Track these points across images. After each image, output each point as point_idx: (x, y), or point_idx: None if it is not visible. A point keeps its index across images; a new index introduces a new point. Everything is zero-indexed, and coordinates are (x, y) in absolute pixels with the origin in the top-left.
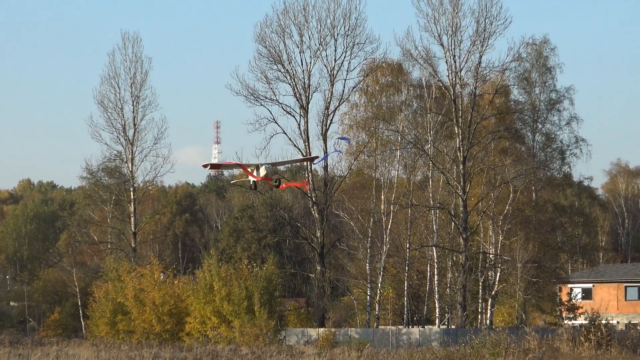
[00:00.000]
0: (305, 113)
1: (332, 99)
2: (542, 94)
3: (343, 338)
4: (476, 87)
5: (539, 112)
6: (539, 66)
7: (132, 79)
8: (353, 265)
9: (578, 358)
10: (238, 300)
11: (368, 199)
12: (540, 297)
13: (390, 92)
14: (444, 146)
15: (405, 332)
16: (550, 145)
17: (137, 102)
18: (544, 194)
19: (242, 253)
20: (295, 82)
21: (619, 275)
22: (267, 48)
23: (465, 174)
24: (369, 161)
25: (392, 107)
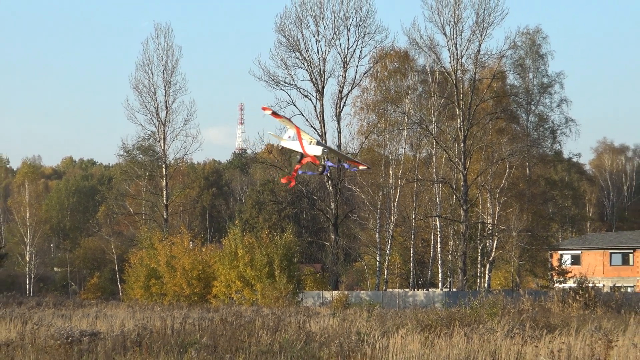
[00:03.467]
0: (320, 96)
1: (345, 84)
2: (535, 78)
3: (355, 300)
4: (476, 73)
5: (533, 95)
6: (532, 53)
7: (164, 65)
8: (364, 234)
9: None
10: (260, 266)
11: (377, 174)
12: (533, 263)
13: (397, 77)
14: (446, 126)
15: (411, 295)
16: (542, 125)
17: (168, 86)
18: (537, 170)
19: (263, 223)
20: (312, 69)
21: (604, 243)
22: (286, 37)
23: (465, 152)
24: (378, 140)
25: (399, 91)
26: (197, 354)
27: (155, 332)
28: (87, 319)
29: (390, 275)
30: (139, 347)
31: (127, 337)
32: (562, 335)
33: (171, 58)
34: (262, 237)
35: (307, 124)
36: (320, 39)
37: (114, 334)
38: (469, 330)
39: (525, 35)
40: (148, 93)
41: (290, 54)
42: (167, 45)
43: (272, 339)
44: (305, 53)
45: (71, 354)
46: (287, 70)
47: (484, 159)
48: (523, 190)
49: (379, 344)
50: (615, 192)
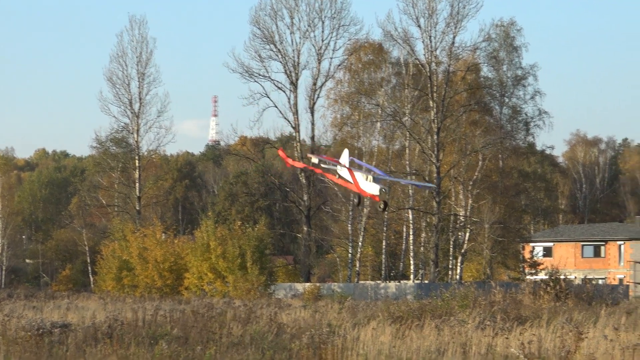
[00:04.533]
0: (294, 88)
1: (319, 76)
2: (509, 70)
3: (327, 292)
4: (450, 65)
5: (506, 88)
6: (506, 46)
7: (138, 57)
8: (336, 226)
9: (538, 309)
10: (232, 258)
11: None
12: (505, 255)
13: (371, 69)
14: (419, 118)
15: (383, 287)
16: (516, 117)
17: (142, 78)
18: (510, 162)
19: (236, 215)
20: (286, 61)
21: (576, 235)
22: (261, 29)
23: (439, 144)
24: (352, 132)
25: (373, 83)
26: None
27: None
28: (58, 311)
29: (362, 267)
30: (110, 338)
31: (98, 329)
32: (533, 327)
33: (145, 50)
34: (235, 229)
35: (281, 116)
36: (294, 31)
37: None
38: (440, 322)
39: (500, 27)
40: (122, 85)
41: (264, 46)
42: (142, 37)
43: (244, 331)
44: (279, 45)
45: (42, 346)
46: (261, 62)
47: (457, 151)
48: (496, 183)
49: (350, 336)
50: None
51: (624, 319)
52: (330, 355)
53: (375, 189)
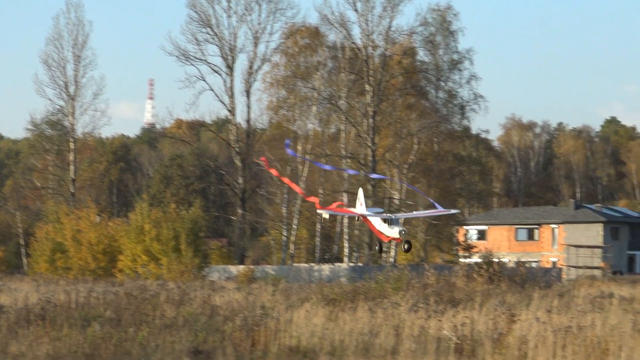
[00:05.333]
0: (231, 72)
1: (255, 59)
2: (445, 55)
3: (260, 274)
4: (386, 49)
5: (442, 72)
6: (443, 30)
7: (74, 40)
8: (271, 209)
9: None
10: (166, 240)
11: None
12: (439, 238)
13: (308, 53)
14: (355, 102)
15: (317, 269)
16: (451, 101)
17: (78, 61)
18: (445, 145)
19: (171, 198)
20: (223, 44)
21: (510, 218)
22: (197, 13)
23: (374, 127)
24: (287, 115)
25: (309, 66)
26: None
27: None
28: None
29: (296, 250)
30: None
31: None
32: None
33: (82, 33)
34: (169, 211)
35: (217, 99)
36: (231, 15)
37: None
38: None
39: (436, 12)
40: (57, 68)
41: (201, 30)
42: (78, 20)
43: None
44: (216, 28)
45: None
46: (197, 45)
47: (392, 134)
48: (431, 166)
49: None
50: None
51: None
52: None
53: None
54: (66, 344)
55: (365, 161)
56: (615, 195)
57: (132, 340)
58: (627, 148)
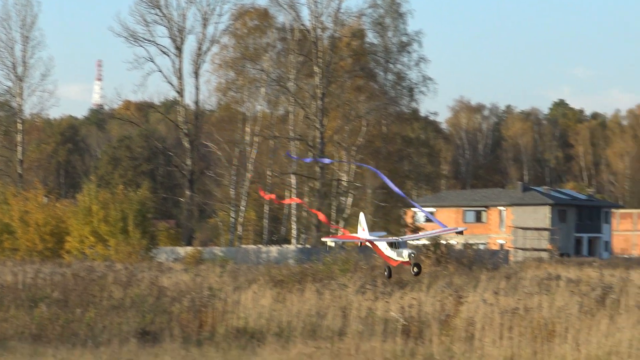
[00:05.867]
0: (179, 53)
1: (204, 41)
2: (394, 37)
3: (208, 256)
4: (335, 31)
5: (391, 54)
6: (392, 12)
7: (22, 21)
8: (219, 191)
9: None
10: (114, 222)
11: (234, 131)
12: (387, 220)
13: (257, 35)
14: (304, 84)
15: (265, 251)
16: (400, 84)
17: (26, 42)
18: (394, 127)
19: (119, 179)
20: (171, 25)
21: (458, 201)
22: None
23: (323, 109)
24: (236, 97)
25: (258, 48)
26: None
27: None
28: None
29: (244, 232)
30: None
31: None
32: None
33: (30, 13)
34: (117, 193)
35: (165, 81)
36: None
37: None
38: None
39: None
40: (5, 48)
41: (149, 11)
42: (26, 0)
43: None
44: (165, 10)
45: None
46: (146, 26)
47: (341, 116)
48: (379, 148)
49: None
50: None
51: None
52: (211, 319)
53: (404, 255)
54: (13, 325)
55: (313, 143)
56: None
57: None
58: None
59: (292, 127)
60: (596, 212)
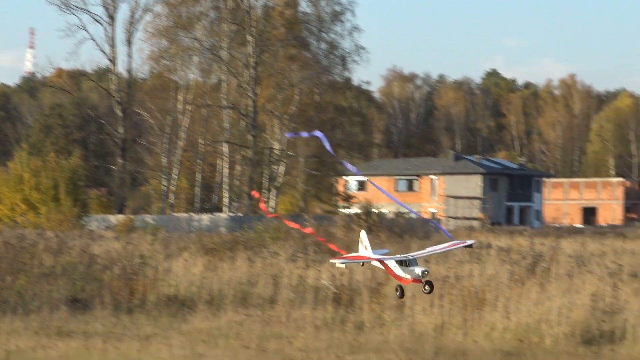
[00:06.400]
0: (112, 21)
1: (137, 9)
2: (327, 6)
3: (140, 224)
4: (268, 0)
5: (324, 23)
6: None
7: None
8: (151, 159)
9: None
10: (45, 189)
11: (167, 99)
12: (319, 189)
13: (190, 3)
14: (237, 52)
15: (197, 219)
16: (333, 53)
17: None
18: (326, 96)
19: (50, 147)
20: None
21: (390, 169)
22: None
23: (255, 78)
24: (169, 65)
25: (191, 16)
26: None
27: None
28: None
29: (176, 200)
30: None
31: None
32: None
33: None
34: (49, 160)
35: (98, 49)
36: None
37: None
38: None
39: None
40: None
41: None
42: None
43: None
44: None
45: None
46: None
47: (274, 85)
48: (312, 117)
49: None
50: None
51: None
52: (142, 286)
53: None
54: None
55: (246, 111)
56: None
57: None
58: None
59: (224, 96)
60: (527, 181)
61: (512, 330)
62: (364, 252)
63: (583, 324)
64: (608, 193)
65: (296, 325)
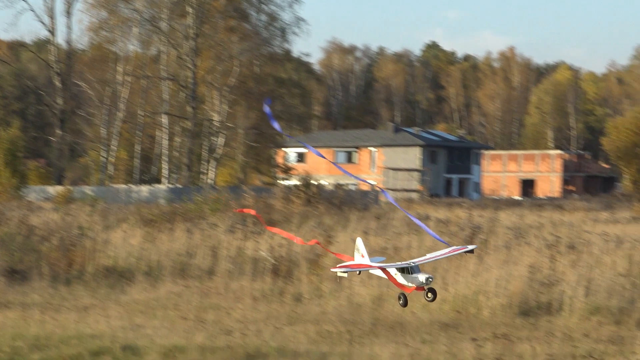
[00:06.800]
0: None
1: None
2: None
3: (79, 195)
4: None
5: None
6: None
7: None
8: (90, 130)
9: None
10: None
11: (106, 70)
12: (258, 160)
13: None
14: (177, 24)
15: (136, 190)
16: (273, 25)
17: None
18: (266, 68)
19: None
20: None
21: (330, 141)
22: None
23: (195, 49)
24: (108, 36)
25: None
26: None
27: None
28: None
29: (115, 171)
30: None
31: None
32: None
33: None
34: None
35: (37, 19)
36: None
37: None
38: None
39: None
40: None
41: None
42: None
43: None
44: None
45: None
46: None
47: (213, 57)
48: (251, 89)
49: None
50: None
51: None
52: (80, 258)
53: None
54: None
55: (185, 83)
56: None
57: None
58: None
59: (164, 67)
60: (466, 154)
61: (450, 302)
62: (361, 260)
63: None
64: (546, 165)
65: (234, 297)
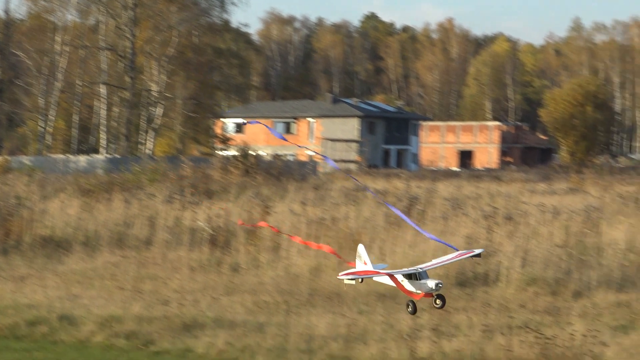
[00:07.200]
0: None
1: None
2: None
3: (16, 165)
4: None
5: None
6: None
7: None
8: (29, 100)
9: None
10: None
11: (44, 40)
12: (197, 131)
13: None
14: None
15: (74, 160)
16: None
17: None
18: (205, 39)
19: None
20: None
21: (268, 112)
22: None
23: (134, 19)
24: (46, 6)
25: None
26: None
27: None
28: None
29: (53, 141)
30: None
31: None
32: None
33: None
34: None
35: None
36: None
37: None
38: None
39: None
40: None
41: None
42: None
43: None
44: None
45: None
46: None
47: (152, 27)
48: (190, 59)
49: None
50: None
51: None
52: (17, 227)
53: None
54: None
55: (124, 53)
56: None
57: None
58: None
59: (103, 37)
60: (404, 125)
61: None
62: (363, 267)
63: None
64: (484, 137)
65: (172, 267)
